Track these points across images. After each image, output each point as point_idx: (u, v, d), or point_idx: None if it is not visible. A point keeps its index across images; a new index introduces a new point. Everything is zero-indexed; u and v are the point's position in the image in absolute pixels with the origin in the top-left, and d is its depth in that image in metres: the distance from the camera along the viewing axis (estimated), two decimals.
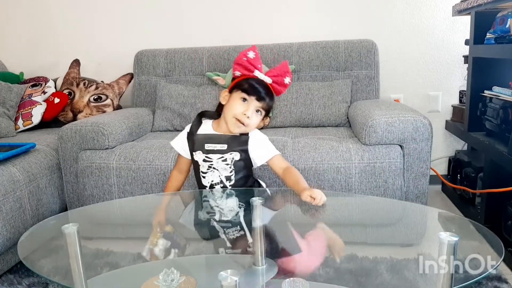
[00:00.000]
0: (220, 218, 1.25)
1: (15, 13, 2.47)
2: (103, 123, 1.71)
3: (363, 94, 2.10)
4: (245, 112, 1.28)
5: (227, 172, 1.33)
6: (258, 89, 1.28)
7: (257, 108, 1.29)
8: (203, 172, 1.35)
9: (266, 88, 1.30)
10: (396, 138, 1.58)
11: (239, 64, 1.31)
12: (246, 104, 1.29)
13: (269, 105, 1.31)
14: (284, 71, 1.31)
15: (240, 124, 1.30)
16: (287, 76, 1.31)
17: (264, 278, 0.97)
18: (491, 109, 1.73)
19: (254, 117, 1.30)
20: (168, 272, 0.87)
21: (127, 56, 2.37)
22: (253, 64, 1.29)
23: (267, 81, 1.30)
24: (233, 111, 1.29)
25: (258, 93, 1.28)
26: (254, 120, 1.31)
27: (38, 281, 1.43)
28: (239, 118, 1.29)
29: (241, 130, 1.32)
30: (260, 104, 1.29)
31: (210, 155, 1.33)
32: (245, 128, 1.31)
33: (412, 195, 1.63)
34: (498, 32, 1.70)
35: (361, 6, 2.25)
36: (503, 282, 1.35)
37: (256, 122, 1.32)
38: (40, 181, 1.65)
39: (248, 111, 1.28)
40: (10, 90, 2.10)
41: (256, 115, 1.30)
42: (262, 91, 1.28)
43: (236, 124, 1.30)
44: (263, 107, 1.30)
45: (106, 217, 1.42)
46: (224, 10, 2.33)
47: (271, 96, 1.31)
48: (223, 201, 1.34)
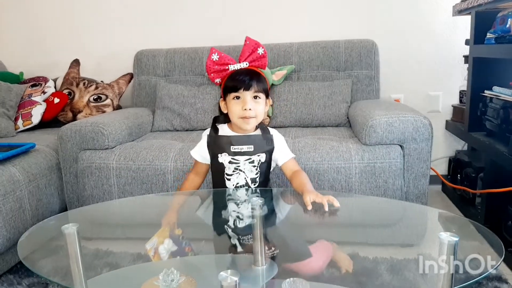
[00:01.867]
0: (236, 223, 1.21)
1: (15, 13, 2.47)
2: (103, 123, 1.71)
3: (363, 94, 2.10)
4: (244, 108, 1.26)
5: (253, 174, 1.30)
6: (240, 80, 1.26)
7: (252, 95, 1.26)
8: (228, 174, 1.31)
9: (249, 73, 1.27)
10: (396, 138, 1.58)
11: (212, 72, 1.30)
12: (240, 100, 1.26)
13: (262, 86, 1.28)
14: (253, 46, 1.30)
15: (248, 120, 1.27)
16: (258, 48, 1.30)
17: (264, 278, 0.97)
18: (492, 109, 1.72)
19: (255, 105, 1.27)
20: (168, 272, 0.87)
21: (127, 56, 2.36)
22: (223, 63, 1.28)
23: (244, 66, 1.29)
24: (234, 114, 1.28)
25: (242, 83, 1.25)
26: (259, 108, 1.27)
27: (38, 281, 1.42)
28: (242, 116, 1.27)
29: (252, 123, 1.29)
30: (251, 91, 1.26)
31: (237, 157, 1.29)
32: (255, 119, 1.28)
33: (412, 195, 1.63)
34: (498, 32, 1.70)
35: (361, 5, 2.25)
36: (503, 282, 1.35)
37: (261, 108, 1.29)
38: (40, 181, 1.65)
39: (246, 105, 1.25)
40: (10, 90, 2.10)
41: (256, 102, 1.27)
42: (246, 78, 1.25)
43: (245, 122, 1.27)
44: (257, 90, 1.26)
45: (106, 217, 1.42)
46: (224, 10, 2.33)
47: (258, 76, 1.28)
48: (244, 203, 1.30)
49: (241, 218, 1.23)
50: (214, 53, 1.29)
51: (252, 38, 1.32)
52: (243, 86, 1.25)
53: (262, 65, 1.32)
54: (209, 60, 1.29)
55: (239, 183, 1.31)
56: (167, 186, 1.64)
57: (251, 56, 1.30)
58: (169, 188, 1.64)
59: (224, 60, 1.29)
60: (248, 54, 1.30)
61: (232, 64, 1.29)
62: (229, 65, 1.29)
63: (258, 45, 1.31)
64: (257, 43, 1.31)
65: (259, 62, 1.31)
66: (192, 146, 1.68)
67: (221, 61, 1.29)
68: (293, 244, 1.15)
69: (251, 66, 1.30)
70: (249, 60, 1.30)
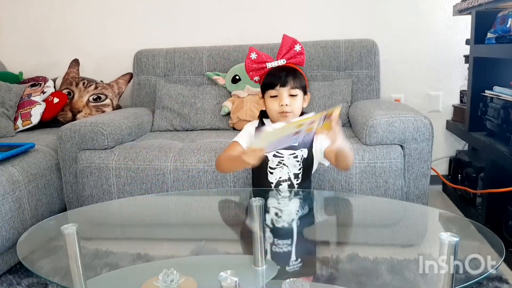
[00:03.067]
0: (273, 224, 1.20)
1: (15, 13, 2.46)
2: (102, 123, 1.71)
3: (364, 94, 2.10)
4: (281, 104, 1.27)
5: (296, 169, 1.30)
6: (276, 76, 1.27)
7: (289, 93, 1.28)
8: (271, 168, 1.31)
9: (286, 69, 1.29)
10: (397, 138, 1.57)
11: (251, 70, 1.31)
12: (277, 98, 1.28)
13: (300, 83, 1.29)
14: (290, 43, 1.31)
15: (286, 115, 1.28)
16: (296, 44, 1.30)
17: (264, 279, 0.96)
18: (492, 109, 1.72)
19: (292, 101, 1.28)
20: (168, 273, 0.87)
21: (126, 55, 2.36)
22: (261, 61, 1.30)
23: (281, 63, 1.30)
24: (272, 110, 1.30)
25: (279, 79, 1.27)
26: (295, 104, 1.29)
27: (37, 282, 1.42)
28: (280, 112, 1.28)
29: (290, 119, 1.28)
30: (288, 87, 1.27)
31: (281, 151, 1.29)
32: (292, 114, 1.29)
33: (413, 195, 1.62)
34: (498, 31, 1.70)
35: (361, 5, 2.25)
36: (503, 282, 1.34)
37: (299, 105, 1.30)
38: (39, 181, 1.65)
39: (283, 100, 1.27)
40: (9, 90, 2.10)
41: (293, 99, 1.28)
42: (282, 75, 1.27)
43: (282, 117, 1.28)
44: (293, 87, 1.27)
45: (105, 217, 1.42)
46: (224, 10, 2.33)
47: (294, 73, 1.29)
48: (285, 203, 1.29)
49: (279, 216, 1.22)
50: (253, 51, 1.31)
51: (289, 36, 1.32)
52: (279, 82, 1.27)
53: (299, 62, 1.33)
54: (248, 59, 1.31)
55: (282, 178, 1.31)
56: (166, 186, 1.64)
57: (288, 54, 1.31)
58: (168, 188, 1.63)
59: (262, 58, 1.31)
60: (286, 51, 1.31)
61: (269, 62, 1.30)
62: (266, 63, 1.30)
63: (295, 42, 1.31)
64: (294, 40, 1.32)
65: (296, 59, 1.32)
66: (192, 146, 1.69)
67: (259, 59, 1.31)
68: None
69: (288, 63, 1.31)
70: (287, 57, 1.31)
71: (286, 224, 1.18)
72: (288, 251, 1.08)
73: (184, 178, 1.62)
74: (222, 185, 1.61)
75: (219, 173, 1.60)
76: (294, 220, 1.23)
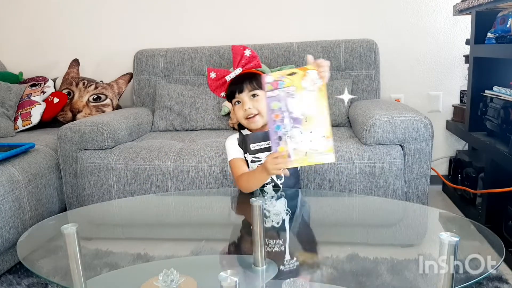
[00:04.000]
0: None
1: (15, 13, 2.46)
2: (102, 123, 1.71)
3: (364, 94, 2.10)
4: (245, 109, 1.29)
5: None
6: (234, 85, 1.30)
7: (249, 95, 1.29)
8: None
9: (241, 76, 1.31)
10: (397, 138, 1.57)
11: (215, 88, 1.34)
12: (240, 104, 1.31)
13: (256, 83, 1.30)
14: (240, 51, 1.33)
15: (252, 119, 1.29)
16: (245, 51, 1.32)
17: (264, 279, 0.96)
18: (492, 109, 1.72)
19: (254, 103, 1.29)
20: (168, 273, 0.86)
21: (126, 55, 2.36)
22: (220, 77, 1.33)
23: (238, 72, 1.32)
24: (240, 117, 1.32)
25: (235, 87, 1.30)
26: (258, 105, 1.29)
27: (37, 282, 1.42)
28: (245, 117, 1.30)
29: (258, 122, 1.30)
30: (246, 91, 1.29)
31: (257, 155, 1.30)
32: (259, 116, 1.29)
33: (413, 195, 1.62)
34: (498, 31, 1.70)
35: (361, 5, 2.25)
36: (504, 282, 1.34)
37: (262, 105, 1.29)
38: (39, 181, 1.65)
39: (245, 105, 1.29)
40: (9, 90, 2.10)
41: (255, 100, 1.29)
42: (238, 82, 1.30)
43: (250, 121, 1.30)
44: (252, 89, 1.29)
45: (105, 217, 1.42)
46: (224, 10, 2.33)
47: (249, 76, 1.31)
48: (272, 203, 1.29)
49: (267, 216, 1.21)
50: (211, 71, 1.35)
51: (236, 45, 1.36)
52: (236, 89, 1.30)
53: (256, 65, 1.34)
54: (209, 79, 1.34)
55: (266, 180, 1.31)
56: (166, 186, 1.64)
57: (241, 62, 1.33)
58: (168, 188, 1.63)
59: (221, 73, 1.34)
60: (239, 59, 1.34)
61: (227, 75, 1.33)
62: (225, 77, 1.33)
63: (244, 48, 1.33)
64: (244, 47, 1.34)
65: (252, 63, 1.33)
66: (192, 146, 1.69)
67: (218, 76, 1.34)
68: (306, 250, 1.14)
69: (245, 70, 1.33)
70: (241, 65, 1.33)
71: (276, 224, 1.18)
72: (281, 251, 1.08)
73: (184, 178, 1.62)
74: (222, 185, 1.61)
75: (219, 173, 1.61)
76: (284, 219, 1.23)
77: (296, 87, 1.07)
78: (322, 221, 1.32)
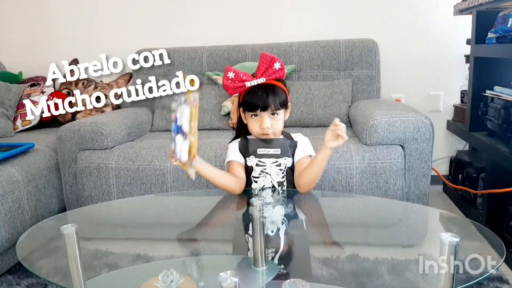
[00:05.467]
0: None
1: (14, 12, 2.46)
2: (102, 123, 1.71)
3: (364, 94, 2.10)
4: (262, 126, 1.26)
5: (279, 177, 1.30)
6: (257, 99, 1.25)
7: (270, 113, 1.26)
8: (254, 177, 1.31)
9: (267, 88, 1.26)
10: (397, 138, 1.57)
11: (229, 89, 1.29)
12: (258, 118, 1.27)
13: (279, 101, 1.26)
14: (269, 61, 1.27)
15: (267, 135, 1.28)
16: (275, 62, 1.27)
17: (264, 279, 0.96)
18: (493, 109, 1.72)
19: (274, 122, 1.27)
20: (168, 273, 0.86)
21: (126, 55, 2.35)
22: (239, 80, 1.27)
23: (261, 81, 1.27)
24: (253, 130, 1.30)
25: (258, 103, 1.24)
26: (278, 124, 1.28)
27: (37, 282, 1.42)
28: (262, 133, 1.28)
29: (271, 137, 1.30)
30: (268, 110, 1.25)
31: (263, 159, 1.30)
32: (274, 133, 1.29)
33: (413, 196, 1.62)
34: (499, 31, 1.69)
35: (362, 5, 2.25)
36: (504, 283, 1.34)
37: (280, 124, 1.29)
38: (39, 181, 1.64)
39: (264, 123, 1.26)
40: (9, 90, 2.10)
41: (274, 118, 1.27)
42: (263, 97, 1.24)
43: (263, 136, 1.29)
44: (274, 108, 1.26)
45: (105, 217, 1.41)
46: (224, 9, 2.33)
47: (274, 91, 1.26)
48: (269, 209, 1.26)
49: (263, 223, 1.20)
50: (229, 71, 1.28)
51: (267, 54, 1.28)
52: (260, 106, 1.25)
53: (279, 77, 1.29)
54: (225, 78, 1.28)
55: (266, 186, 1.31)
56: (166, 187, 1.63)
57: (267, 72, 1.27)
58: (168, 189, 1.63)
59: (240, 77, 1.27)
60: (264, 69, 1.27)
61: (248, 81, 1.27)
62: (245, 83, 1.26)
63: (274, 60, 1.27)
64: (273, 57, 1.28)
65: (276, 75, 1.28)
66: None
67: (237, 78, 1.27)
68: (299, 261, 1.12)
69: (268, 81, 1.27)
70: (266, 75, 1.27)
71: (270, 232, 1.17)
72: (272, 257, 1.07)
73: (184, 178, 1.62)
74: None
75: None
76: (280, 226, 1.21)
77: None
78: (323, 221, 1.32)
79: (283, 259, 1.05)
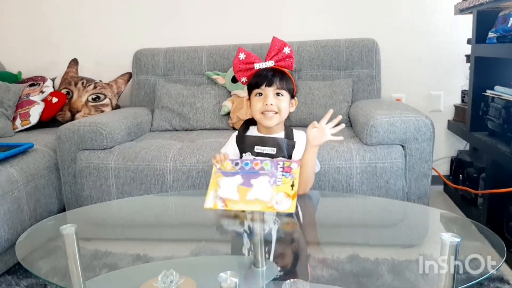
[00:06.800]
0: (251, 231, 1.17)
1: (14, 12, 2.46)
2: (101, 123, 1.70)
3: (365, 93, 2.09)
4: (265, 103, 1.25)
5: None
6: (263, 76, 1.26)
7: (274, 92, 1.26)
8: None
9: (274, 71, 1.27)
10: (398, 138, 1.57)
11: (238, 70, 1.30)
12: (263, 96, 1.27)
13: (286, 85, 1.27)
14: (280, 45, 1.29)
15: (269, 115, 1.26)
16: (285, 47, 1.29)
17: (265, 280, 0.96)
18: (494, 109, 1.72)
19: (277, 101, 1.26)
20: (167, 274, 0.86)
21: (125, 55, 2.35)
22: (249, 62, 1.28)
23: (270, 65, 1.28)
24: (256, 109, 1.28)
25: (265, 79, 1.25)
26: (282, 104, 1.27)
27: (36, 282, 1.42)
28: (263, 111, 1.26)
29: (274, 120, 1.27)
30: (274, 87, 1.25)
31: (259, 158, 1.28)
32: (278, 115, 1.27)
33: (414, 196, 1.62)
34: (500, 31, 1.69)
35: (362, 4, 2.24)
36: (505, 283, 1.34)
37: (285, 106, 1.27)
38: (38, 181, 1.64)
39: (268, 100, 1.25)
40: (8, 89, 2.09)
41: (279, 98, 1.26)
42: (269, 74, 1.26)
43: (265, 117, 1.27)
44: (279, 87, 1.26)
45: (104, 218, 1.41)
46: (224, 9, 2.32)
47: (282, 74, 1.27)
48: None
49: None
50: (242, 52, 1.30)
51: (278, 38, 1.30)
52: (265, 81, 1.25)
53: (288, 66, 1.31)
54: (236, 59, 1.29)
55: None
56: (166, 187, 1.63)
57: (277, 56, 1.29)
58: (168, 189, 1.63)
59: (250, 59, 1.29)
60: (275, 53, 1.29)
61: (257, 63, 1.29)
62: (254, 64, 1.29)
63: (284, 45, 1.30)
64: (284, 42, 1.30)
65: (285, 62, 1.29)
66: (191, 146, 1.68)
67: (247, 59, 1.29)
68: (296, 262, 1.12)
69: (277, 66, 1.29)
70: (275, 59, 1.29)
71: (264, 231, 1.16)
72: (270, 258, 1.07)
73: (183, 178, 1.61)
74: None
75: None
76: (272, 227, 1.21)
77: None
78: (323, 221, 1.31)
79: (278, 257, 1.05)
